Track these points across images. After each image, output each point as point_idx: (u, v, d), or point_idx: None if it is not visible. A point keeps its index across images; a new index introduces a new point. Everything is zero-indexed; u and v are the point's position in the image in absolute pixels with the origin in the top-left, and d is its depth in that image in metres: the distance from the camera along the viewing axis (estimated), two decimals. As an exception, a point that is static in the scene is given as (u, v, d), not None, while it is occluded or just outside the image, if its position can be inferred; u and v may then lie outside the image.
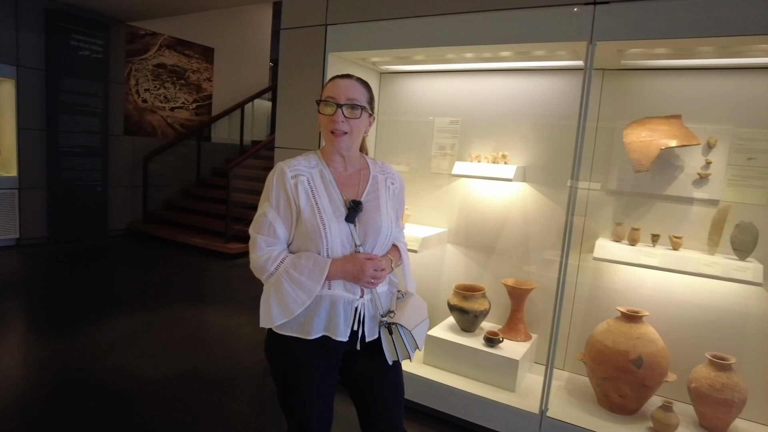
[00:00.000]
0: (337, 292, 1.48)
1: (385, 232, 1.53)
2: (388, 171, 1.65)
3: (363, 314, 1.51)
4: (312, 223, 1.45)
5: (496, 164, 2.80)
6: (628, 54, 2.38)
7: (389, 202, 1.58)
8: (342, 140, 1.47)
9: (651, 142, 2.35)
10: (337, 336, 1.47)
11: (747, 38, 1.93)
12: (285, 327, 1.49)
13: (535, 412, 2.36)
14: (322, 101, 1.48)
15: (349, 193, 1.53)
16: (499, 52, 2.58)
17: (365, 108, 1.50)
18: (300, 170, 1.50)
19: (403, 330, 1.51)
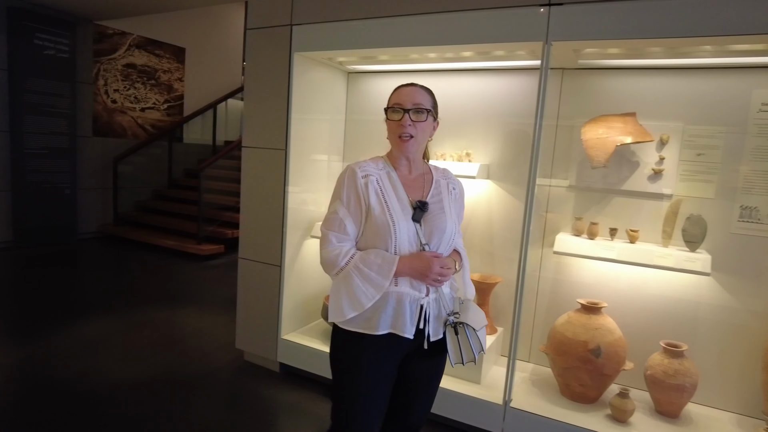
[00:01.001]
0: (404, 289, 1.51)
1: (450, 232, 1.57)
2: (449, 177, 1.71)
3: (428, 313, 1.53)
4: (382, 220, 1.51)
5: (461, 162, 2.85)
6: (584, 54, 2.46)
7: (452, 205, 1.63)
8: (409, 144, 1.54)
9: (607, 139, 2.43)
10: (404, 332, 1.50)
11: (693, 39, 2.03)
12: (352, 322, 1.53)
13: (499, 403, 2.42)
14: (390, 108, 1.56)
15: (415, 195, 1.58)
16: (461, 52, 2.63)
17: (430, 111, 1.57)
18: (369, 171, 1.57)
19: (470, 330, 1.53)
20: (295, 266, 3.05)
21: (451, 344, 1.53)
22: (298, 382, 2.99)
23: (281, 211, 2.92)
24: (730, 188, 2.41)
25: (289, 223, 2.93)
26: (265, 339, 3.06)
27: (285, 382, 3.00)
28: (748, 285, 2.41)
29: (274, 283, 2.99)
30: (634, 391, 2.49)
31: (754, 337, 2.37)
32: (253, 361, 3.22)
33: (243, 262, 3.12)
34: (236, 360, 3.25)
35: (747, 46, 2.11)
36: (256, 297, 3.08)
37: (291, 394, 2.87)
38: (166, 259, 5.92)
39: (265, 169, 2.98)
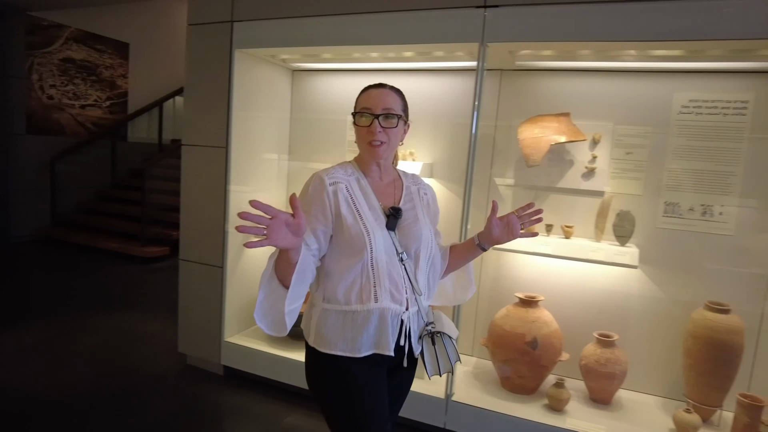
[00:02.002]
0: (386, 304, 1.40)
1: (426, 240, 1.49)
2: (419, 182, 1.63)
3: (409, 327, 1.44)
4: (356, 230, 1.39)
5: (405, 161, 2.88)
6: (520, 56, 2.54)
7: (425, 211, 1.57)
8: (380, 150, 1.45)
9: (542, 138, 2.51)
10: (387, 350, 1.41)
11: (619, 44, 2.14)
12: (329, 345, 1.42)
13: (441, 397, 2.46)
14: (358, 113, 1.45)
15: (386, 202, 1.51)
16: (402, 52, 2.66)
17: (401, 116, 1.48)
18: (338, 178, 1.46)
19: (447, 339, 1.48)
20: (239, 267, 3.00)
21: (429, 355, 1.47)
22: (243, 384, 2.95)
23: (223, 210, 2.87)
24: (655, 185, 2.55)
25: (231, 222, 2.87)
26: (209, 342, 2.99)
27: (229, 385, 2.94)
28: (672, 276, 2.55)
29: (216, 284, 2.93)
30: (571, 380, 2.59)
31: (676, 325, 2.51)
32: (196, 365, 3.14)
33: (184, 263, 3.04)
34: (179, 364, 3.17)
35: (666, 52, 2.24)
36: (198, 299, 3.01)
37: (235, 397, 2.82)
38: (108, 262, 5.69)
39: (205, 168, 2.91)
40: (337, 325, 1.42)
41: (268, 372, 2.86)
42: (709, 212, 2.46)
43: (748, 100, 2.38)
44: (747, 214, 2.41)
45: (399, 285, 1.42)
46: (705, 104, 2.44)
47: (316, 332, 1.46)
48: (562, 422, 2.32)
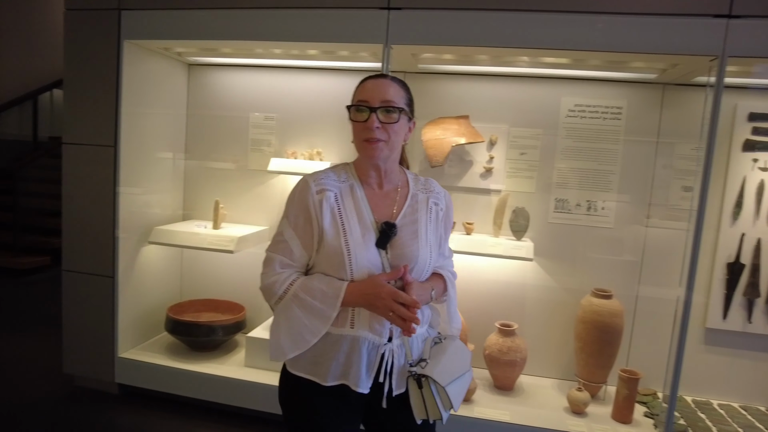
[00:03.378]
0: (360, 333, 1.25)
1: (423, 262, 1.30)
2: (432, 189, 1.42)
3: (390, 363, 1.27)
4: (334, 247, 1.24)
5: (312, 161, 2.84)
6: (422, 58, 2.60)
7: (430, 227, 1.36)
8: (378, 149, 1.26)
9: (444, 139, 2.60)
10: (357, 387, 1.24)
11: (513, 50, 2.27)
12: (298, 365, 1.29)
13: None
14: (354, 106, 1.29)
15: (383, 214, 1.31)
16: (307, 50, 2.62)
17: (404, 110, 1.29)
18: (327, 184, 1.30)
19: (435, 385, 1.24)
20: (133, 276, 2.77)
21: (414, 398, 1.26)
22: (141, 402, 2.73)
23: (112, 215, 2.63)
24: (546, 183, 2.74)
25: (122, 228, 2.65)
26: (100, 360, 2.73)
27: (125, 404, 2.71)
28: (563, 267, 2.77)
29: (106, 296, 2.68)
30: (476, 370, 2.71)
31: (568, 312, 2.73)
32: (86, 385, 2.85)
33: (68, 274, 2.74)
34: (66, 387, 2.86)
35: (555, 60, 2.42)
36: (86, 313, 2.73)
37: (132, 416, 2.61)
38: (-28, 277, 5.00)
39: (91, 168, 2.65)
40: None
41: (170, 387, 2.68)
42: (593, 207, 2.70)
43: (622, 106, 2.64)
44: (624, 208, 2.69)
45: None
46: (588, 109, 2.67)
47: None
48: (470, 412, 2.42)
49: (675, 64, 2.30)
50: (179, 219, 3.13)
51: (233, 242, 2.67)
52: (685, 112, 2.59)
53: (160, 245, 2.83)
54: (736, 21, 2.03)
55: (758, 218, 2.60)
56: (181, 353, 2.80)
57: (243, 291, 3.07)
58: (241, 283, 3.10)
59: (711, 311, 2.68)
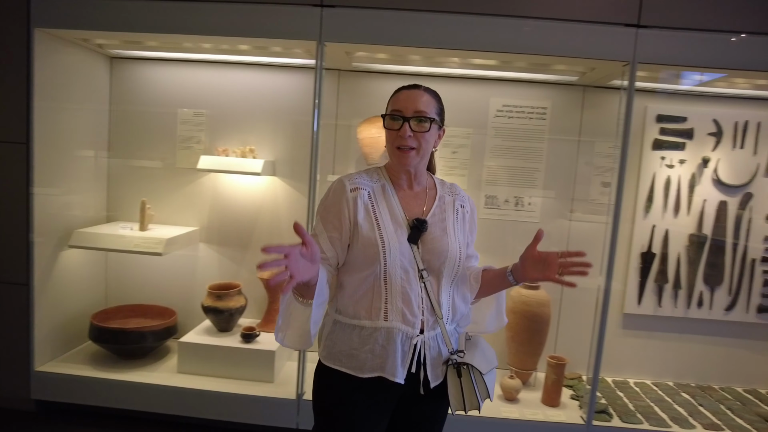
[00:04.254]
0: (394, 324, 1.30)
1: (453, 256, 1.36)
2: (457, 193, 1.51)
3: (423, 354, 1.33)
4: (370, 240, 1.30)
5: (245, 158, 2.77)
6: (356, 57, 2.61)
7: (458, 226, 1.43)
8: (410, 156, 1.34)
9: (379, 138, 2.62)
10: (394, 377, 1.29)
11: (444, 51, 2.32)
12: (333, 358, 1.34)
13: (292, 398, 2.44)
14: (388, 115, 1.36)
15: (413, 212, 1.38)
16: (238, 45, 2.55)
17: (435, 120, 1.36)
18: (361, 183, 1.37)
19: (475, 374, 1.34)
20: (51, 283, 2.58)
21: (453, 388, 1.34)
22: (61, 417, 2.56)
23: (26, 217, 2.43)
24: (477, 180, 2.85)
25: (38, 231, 2.46)
26: (13, 375, 2.52)
27: (42, 422, 2.53)
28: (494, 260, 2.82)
29: (20, 306, 2.48)
30: (413, 364, 2.77)
31: (500, 304, 2.84)
32: (-4, 403, 2.63)
33: (-26, 283, 2.52)
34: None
35: (483, 61, 2.51)
36: (-3, 325, 2.52)
37: (51, 434, 2.44)
38: None
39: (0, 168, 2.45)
40: (344, 338, 1.35)
41: (95, 399, 2.52)
42: (520, 203, 2.84)
43: (546, 107, 2.79)
44: (549, 203, 2.84)
45: (414, 305, 1.32)
46: (515, 109, 2.80)
47: (325, 343, 1.39)
48: (407, 404, 2.46)
49: (593, 67, 2.45)
50: (103, 221, 2.95)
51: (161, 244, 2.56)
52: (603, 113, 2.77)
53: (81, 249, 2.65)
54: (644, 30, 2.21)
55: (666, 211, 2.83)
56: (108, 363, 2.65)
57: (173, 295, 2.95)
58: (172, 286, 2.98)
59: (628, 298, 2.89)
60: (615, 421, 2.46)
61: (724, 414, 2.60)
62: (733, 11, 2.23)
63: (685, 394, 2.80)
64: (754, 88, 2.66)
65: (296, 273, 1.05)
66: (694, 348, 2.92)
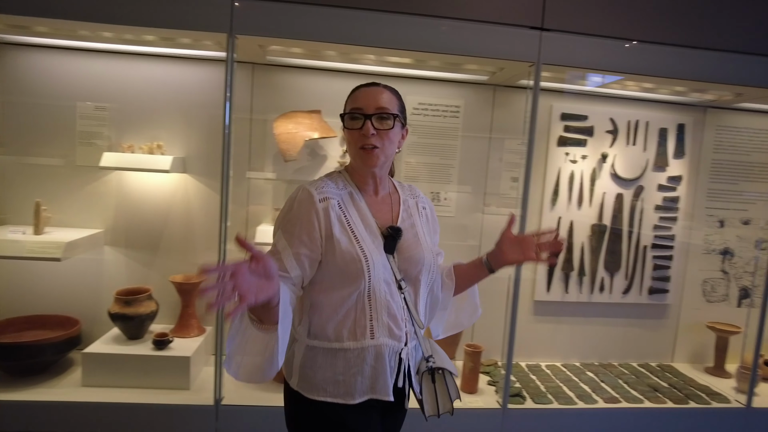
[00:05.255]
0: (382, 340, 1.22)
1: (429, 262, 1.31)
2: (417, 194, 1.46)
3: (408, 364, 1.27)
4: (351, 255, 1.19)
5: (152, 155, 2.62)
6: (270, 50, 2.55)
7: (425, 229, 1.38)
8: (374, 156, 1.25)
9: (296, 134, 2.59)
10: (386, 396, 1.23)
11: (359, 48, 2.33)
12: (317, 390, 1.22)
13: (210, 404, 2.35)
14: (347, 114, 1.28)
15: (384, 220, 1.31)
16: (142, 35, 2.40)
17: (398, 117, 1.29)
18: (329, 193, 1.25)
19: (448, 375, 1.31)
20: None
21: (427, 394, 1.30)
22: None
23: None
24: (397, 177, 2.85)
25: None
26: None
27: None
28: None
29: None
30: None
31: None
32: None
33: None
34: None
35: (399, 59, 2.54)
36: None
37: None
38: None
39: None
40: (326, 365, 1.22)
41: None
42: (437, 198, 2.91)
43: (460, 105, 2.89)
44: (464, 198, 2.94)
45: (398, 317, 1.25)
46: (430, 107, 2.87)
47: (300, 374, 1.25)
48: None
49: (502, 68, 2.57)
50: (-11, 225, 2.67)
51: (60, 248, 2.36)
52: (512, 111, 2.92)
53: (-38, 257, 2.39)
54: (548, 33, 2.34)
55: (570, 203, 3.04)
56: (1, 382, 2.40)
57: (76, 303, 2.73)
58: (74, 294, 2.75)
59: (538, 285, 3.07)
60: (528, 402, 2.61)
61: (622, 387, 2.85)
62: (627, 21, 2.42)
63: (589, 372, 3.03)
64: (643, 90, 2.92)
65: (246, 293, 0.91)
66: (597, 329, 3.16)
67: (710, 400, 2.78)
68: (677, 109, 3.11)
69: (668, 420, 2.69)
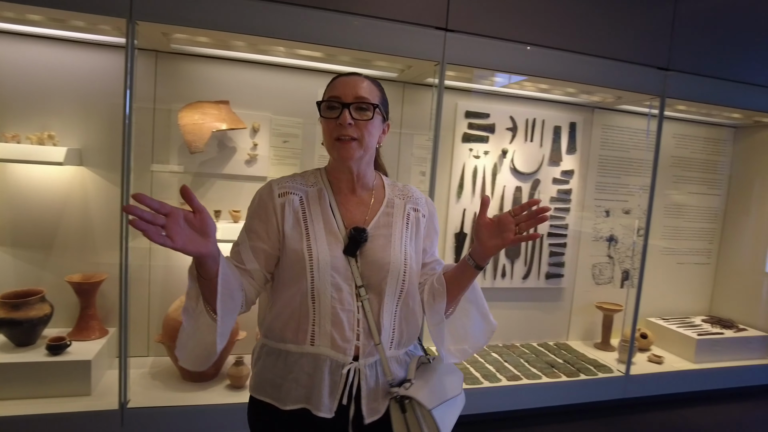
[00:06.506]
0: (322, 350, 1.15)
1: (396, 269, 1.19)
2: (410, 195, 1.32)
3: (357, 384, 1.16)
4: (296, 253, 1.14)
5: (42, 146, 2.42)
6: (175, 38, 2.45)
7: (406, 234, 1.25)
8: (351, 148, 1.17)
9: (203, 125, 2.52)
10: (318, 410, 1.14)
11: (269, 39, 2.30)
12: (259, 389, 1.20)
13: (115, 408, 2.24)
14: (324, 102, 1.20)
15: (354, 220, 1.22)
16: (26, 14, 2.21)
17: (378, 108, 1.19)
18: (291, 188, 1.21)
19: (420, 409, 1.15)
20: None
21: (397, 424, 1.17)
22: None
23: None
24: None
25: None
26: None
27: None
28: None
29: None
30: (250, 357, 2.74)
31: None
32: None
33: None
34: None
35: (309, 53, 2.55)
36: None
37: None
38: None
39: None
40: (270, 365, 1.20)
41: None
42: (350, 191, 2.96)
43: (371, 100, 2.95)
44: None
45: (346, 328, 1.15)
46: (342, 101, 2.90)
47: (252, 373, 1.26)
48: (243, 398, 2.43)
49: (410, 66, 2.66)
50: None
51: (-69, 249, 2.13)
52: (420, 108, 3.03)
53: None
54: (452, 34, 2.47)
55: (474, 196, 3.22)
56: None
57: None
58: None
59: (446, 274, 3.23)
60: (437, 385, 2.74)
61: (523, 366, 3.09)
62: (527, 26, 2.62)
63: (494, 353, 3.25)
64: (540, 91, 3.16)
65: (175, 235, 0.89)
66: (501, 313, 3.39)
67: (597, 372, 3.10)
68: (569, 109, 3.41)
69: (562, 392, 2.96)
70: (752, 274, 3.79)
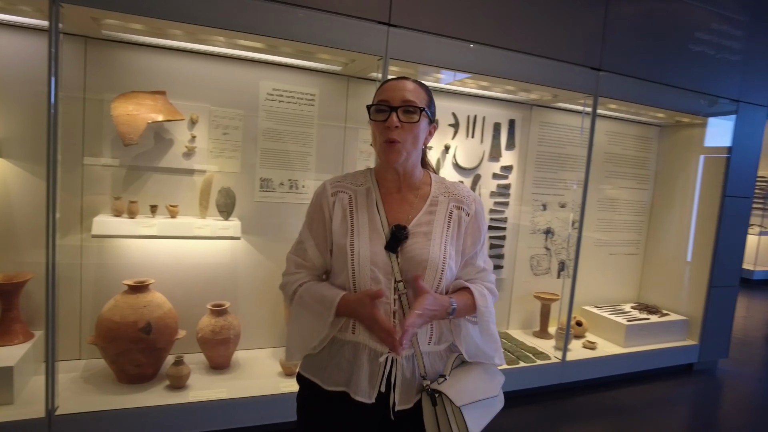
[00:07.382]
0: (361, 339, 1.24)
1: (434, 267, 1.23)
2: (456, 193, 1.34)
3: (393, 374, 1.22)
4: (341, 247, 1.25)
5: (-45, 137, 2.24)
6: (106, 24, 2.32)
7: (448, 232, 1.28)
8: (395, 151, 1.22)
9: (138, 116, 2.40)
10: (356, 395, 1.21)
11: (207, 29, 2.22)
12: (308, 367, 1.31)
13: (42, 416, 2.11)
14: (374, 106, 1.26)
15: (398, 218, 1.27)
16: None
17: (424, 111, 1.24)
18: (343, 186, 1.31)
19: (450, 405, 1.19)
20: None
21: (428, 416, 1.22)
22: None
23: None
24: (251, 163, 2.84)
25: None
26: None
27: None
28: (271, 242, 2.93)
29: None
30: (191, 355, 2.66)
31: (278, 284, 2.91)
32: None
33: None
34: None
35: (250, 43, 2.49)
36: None
37: None
38: None
39: None
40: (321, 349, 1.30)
41: None
42: (295, 186, 2.93)
43: (315, 94, 2.92)
44: (321, 185, 2.99)
45: None
46: (285, 94, 2.86)
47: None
48: (184, 398, 2.37)
49: (353, 59, 2.66)
50: None
51: None
52: (364, 102, 2.99)
53: None
54: (395, 29, 2.48)
55: (419, 190, 3.26)
56: None
57: None
58: None
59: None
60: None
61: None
62: (468, 23, 2.66)
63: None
64: (480, 88, 3.24)
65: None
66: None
67: (536, 359, 3.23)
68: (509, 106, 3.52)
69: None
70: (675, 262, 4.08)
